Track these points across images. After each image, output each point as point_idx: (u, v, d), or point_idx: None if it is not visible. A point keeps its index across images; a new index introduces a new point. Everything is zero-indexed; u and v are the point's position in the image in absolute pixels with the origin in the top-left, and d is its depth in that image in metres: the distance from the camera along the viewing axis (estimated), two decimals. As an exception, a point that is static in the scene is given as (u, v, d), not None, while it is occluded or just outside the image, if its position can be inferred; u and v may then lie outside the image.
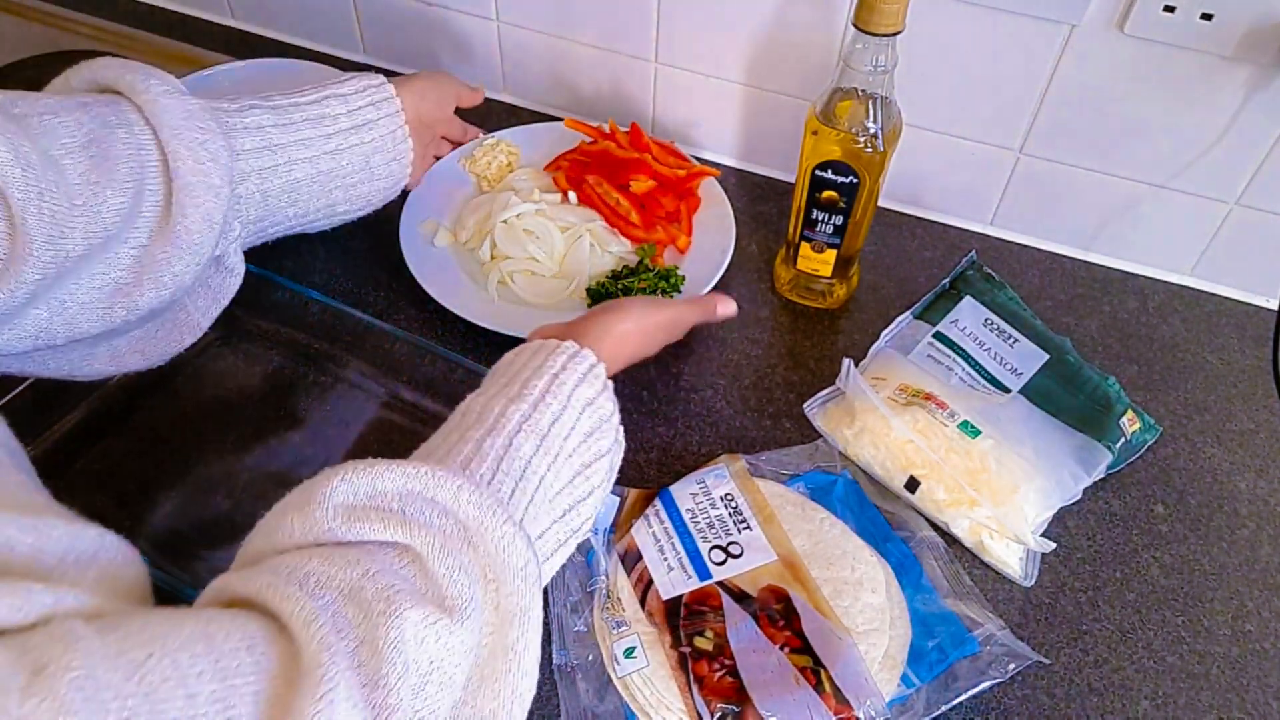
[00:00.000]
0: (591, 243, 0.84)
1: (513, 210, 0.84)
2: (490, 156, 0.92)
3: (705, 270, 0.83)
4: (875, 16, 0.64)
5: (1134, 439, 0.72)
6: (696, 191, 0.90)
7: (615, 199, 0.87)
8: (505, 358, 0.58)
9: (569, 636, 0.61)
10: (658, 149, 0.91)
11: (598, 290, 0.80)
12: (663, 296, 0.78)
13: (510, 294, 0.82)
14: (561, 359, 0.55)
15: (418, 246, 0.83)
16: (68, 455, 0.70)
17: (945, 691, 0.59)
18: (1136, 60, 0.75)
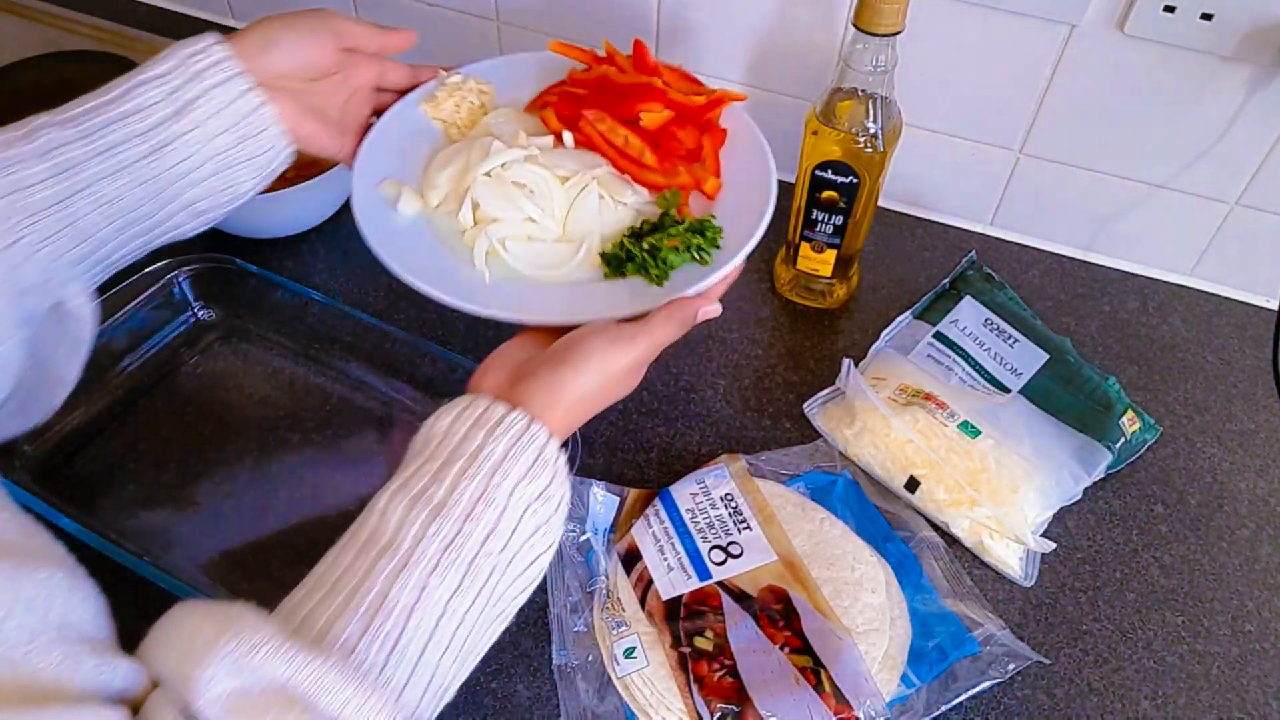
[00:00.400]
0: (601, 193, 0.67)
1: (496, 159, 0.66)
2: (457, 97, 0.75)
3: (745, 217, 0.66)
4: (875, 16, 0.64)
5: (1134, 439, 0.72)
6: (718, 122, 0.74)
7: (623, 137, 0.70)
8: (435, 426, 0.49)
9: (569, 636, 0.61)
10: (667, 72, 0.74)
11: (616, 255, 0.65)
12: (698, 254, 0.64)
13: (504, 266, 0.65)
14: (504, 442, 0.47)
15: (378, 216, 0.66)
16: (68, 455, 0.70)
17: (945, 691, 0.59)
18: (1136, 60, 0.75)
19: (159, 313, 0.77)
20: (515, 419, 0.48)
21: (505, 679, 0.60)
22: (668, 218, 0.66)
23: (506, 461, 0.47)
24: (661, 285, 0.61)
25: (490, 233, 0.65)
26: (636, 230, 0.66)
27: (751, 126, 0.72)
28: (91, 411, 0.73)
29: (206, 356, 0.78)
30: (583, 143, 0.70)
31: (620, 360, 0.53)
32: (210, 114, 0.57)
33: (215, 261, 0.78)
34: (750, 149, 0.71)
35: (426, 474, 0.46)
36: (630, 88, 0.71)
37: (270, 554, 0.65)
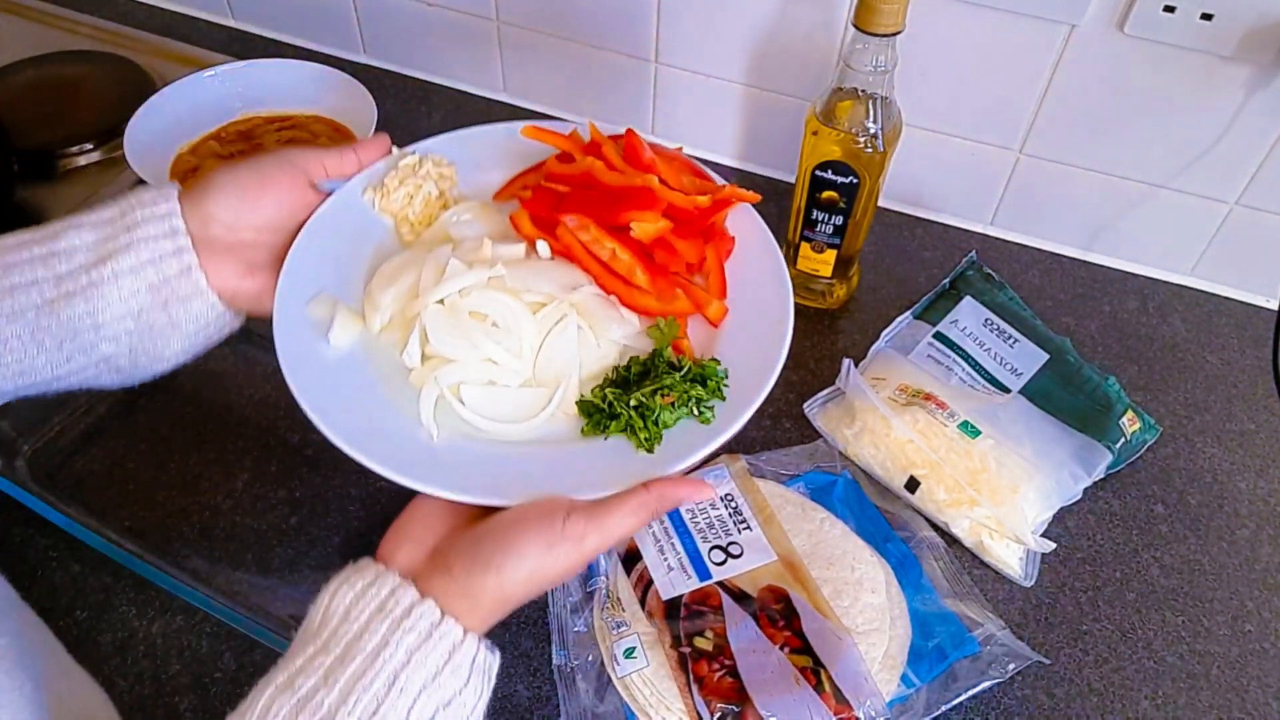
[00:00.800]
0: (580, 324, 0.55)
1: (452, 284, 0.54)
2: (410, 185, 0.62)
3: (755, 352, 0.55)
4: (875, 17, 0.64)
5: (1134, 439, 0.72)
6: (724, 226, 0.62)
7: (610, 249, 0.58)
8: (334, 603, 0.43)
9: (569, 636, 0.61)
10: (664, 164, 0.62)
11: (597, 405, 0.53)
12: (699, 410, 0.52)
13: (458, 420, 0.53)
14: (410, 640, 0.41)
15: (304, 345, 0.54)
16: (68, 455, 0.71)
17: (945, 691, 0.59)
18: (1136, 60, 0.75)
19: (159, 313, 0.77)
20: (424, 613, 0.42)
21: (505, 679, 0.60)
22: (661, 360, 0.54)
23: (410, 667, 0.41)
24: (651, 452, 0.51)
25: (442, 377, 0.53)
26: (623, 373, 0.54)
27: (763, 231, 0.62)
28: (91, 411, 0.73)
29: (206, 356, 0.77)
30: (561, 253, 0.59)
31: (560, 564, 0.44)
32: (131, 269, 0.50)
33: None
34: (760, 258, 0.60)
35: (317, 670, 0.41)
36: (621, 190, 0.59)
37: (270, 554, 0.66)
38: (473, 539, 0.45)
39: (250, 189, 0.55)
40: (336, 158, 0.59)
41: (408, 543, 0.47)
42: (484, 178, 0.65)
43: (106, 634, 0.61)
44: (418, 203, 0.62)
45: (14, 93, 0.97)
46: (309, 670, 0.41)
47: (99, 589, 0.63)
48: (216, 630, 0.62)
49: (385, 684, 0.40)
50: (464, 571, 0.44)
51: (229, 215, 0.53)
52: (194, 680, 0.60)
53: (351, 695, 0.40)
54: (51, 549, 0.65)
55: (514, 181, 0.65)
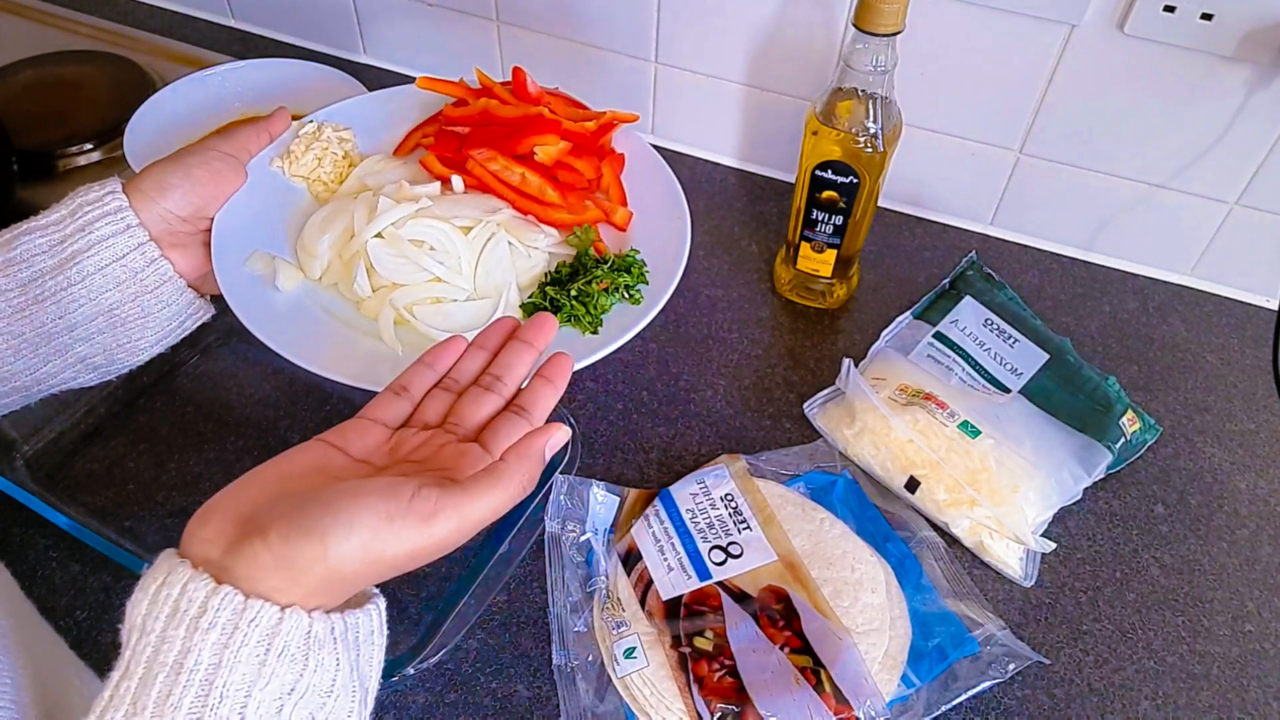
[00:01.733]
0: (510, 240, 0.62)
1: (386, 217, 0.60)
2: (316, 149, 0.67)
3: (665, 245, 0.63)
4: (875, 16, 0.64)
5: (1134, 439, 0.72)
6: (613, 147, 0.70)
7: (519, 174, 0.64)
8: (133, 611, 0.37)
9: (569, 636, 0.61)
10: (551, 98, 0.70)
11: (540, 305, 0.60)
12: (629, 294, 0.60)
13: (416, 335, 0.58)
14: (213, 639, 0.34)
15: (254, 297, 0.58)
16: (68, 455, 0.70)
17: (945, 691, 0.59)
18: (1136, 60, 0.75)
19: (159, 313, 0.77)
20: (222, 604, 0.35)
21: (505, 679, 0.60)
22: (587, 258, 0.61)
23: (223, 668, 0.34)
24: (596, 334, 0.58)
25: (396, 299, 0.58)
26: (556, 276, 0.61)
27: (645, 146, 0.69)
28: (92, 412, 0.73)
29: (206, 356, 0.78)
30: (474, 185, 0.64)
31: (403, 544, 0.38)
32: (98, 268, 0.52)
33: (215, 261, 0.78)
34: (650, 169, 0.67)
35: (124, 699, 0.34)
36: (519, 121, 0.65)
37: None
38: (296, 504, 0.38)
39: (204, 183, 0.58)
40: (253, 135, 0.63)
41: (216, 515, 0.39)
42: (380, 138, 0.70)
43: (106, 634, 0.61)
44: (326, 164, 0.67)
45: (14, 93, 0.97)
46: (116, 702, 0.35)
47: (99, 589, 0.63)
48: (216, 630, 0.61)
49: (198, 697, 0.34)
50: (279, 537, 0.36)
51: (188, 211, 0.57)
52: (194, 680, 0.59)
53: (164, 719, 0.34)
54: (51, 549, 0.65)
55: (410, 135, 0.70)
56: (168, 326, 0.57)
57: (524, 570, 0.65)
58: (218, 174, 0.60)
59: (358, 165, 0.68)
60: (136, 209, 0.54)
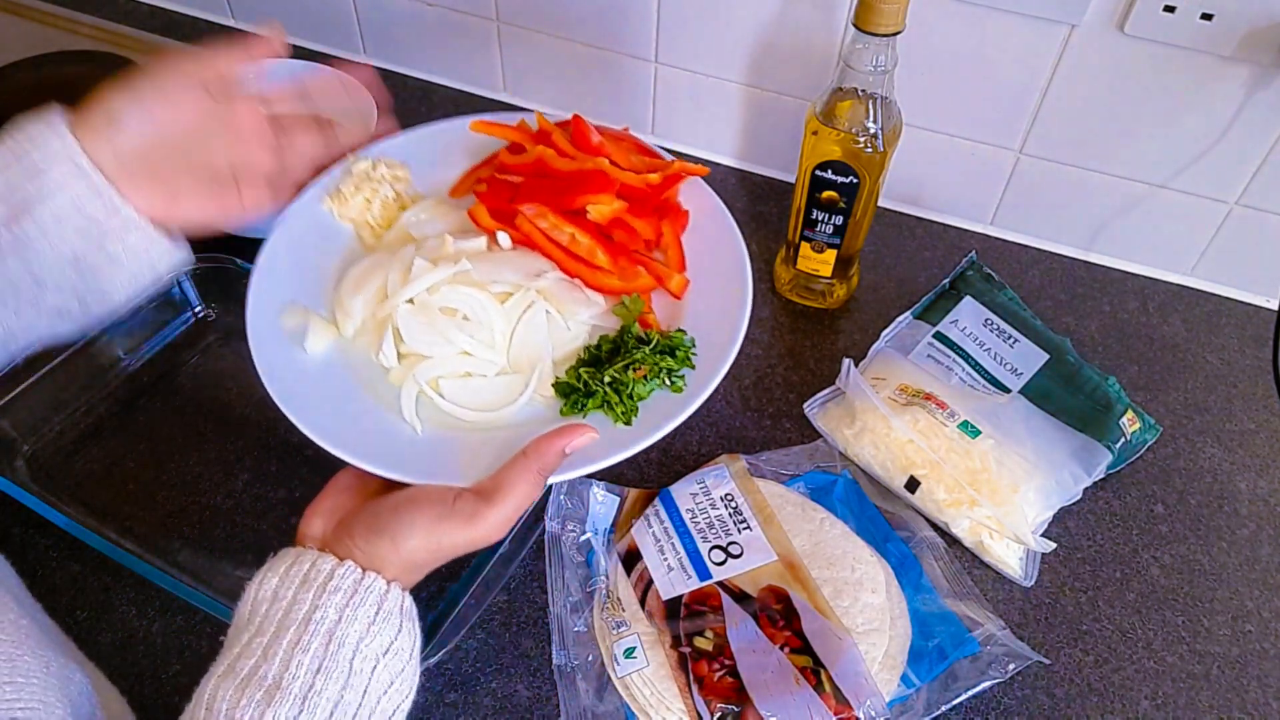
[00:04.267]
0: (548, 310, 0.57)
1: (419, 283, 0.56)
2: (366, 190, 0.63)
3: (719, 319, 0.57)
4: (875, 16, 0.64)
5: (1134, 439, 0.72)
6: (678, 200, 0.64)
7: (569, 234, 0.59)
8: (260, 590, 0.45)
9: (569, 636, 0.61)
10: (613, 145, 0.64)
11: (570, 386, 0.55)
12: (670, 380, 0.54)
13: (439, 413, 0.54)
14: (337, 600, 0.43)
15: (281, 357, 0.55)
16: (68, 455, 0.70)
17: (945, 691, 0.59)
18: (1136, 60, 0.75)
19: (159, 313, 0.77)
20: (346, 573, 0.44)
21: (505, 679, 0.60)
22: (630, 336, 0.55)
23: (343, 623, 0.42)
24: (630, 424, 0.53)
25: (419, 374, 0.54)
26: (594, 352, 0.56)
27: (715, 202, 0.63)
28: (91, 411, 0.73)
29: (206, 356, 0.78)
30: (521, 241, 0.60)
31: (455, 537, 0.46)
32: (55, 218, 0.48)
33: (215, 261, 0.78)
34: (714, 227, 0.61)
35: (255, 650, 0.42)
36: (573, 176, 0.60)
37: (270, 554, 0.65)
38: (372, 511, 0.47)
39: (158, 113, 0.52)
40: (224, 56, 0.54)
41: (319, 517, 0.49)
42: (438, 175, 0.67)
43: (106, 634, 0.61)
44: (376, 206, 0.63)
45: (14, 93, 0.97)
46: (247, 653, 0.42)
47: (99, 589, 0.63)
48: (216, 630, 0.61)
49: (323, 643, 0.42)
50: (363, 538, 0.46)
51: (141, 144, 0.51)
52: (194, 680, 0.59)
53: (292, 661, 0.41)
54: (51, 549, 0.65)
55: (467, 176, 0.66)
56: (140, 273, 0.52)
57: (524, 570, 0.65)
58: (174, 103, 0.52)
59: (408, 208, 0.64)
60: (86, 147, 0.49)
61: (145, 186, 0.51)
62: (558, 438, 0.50)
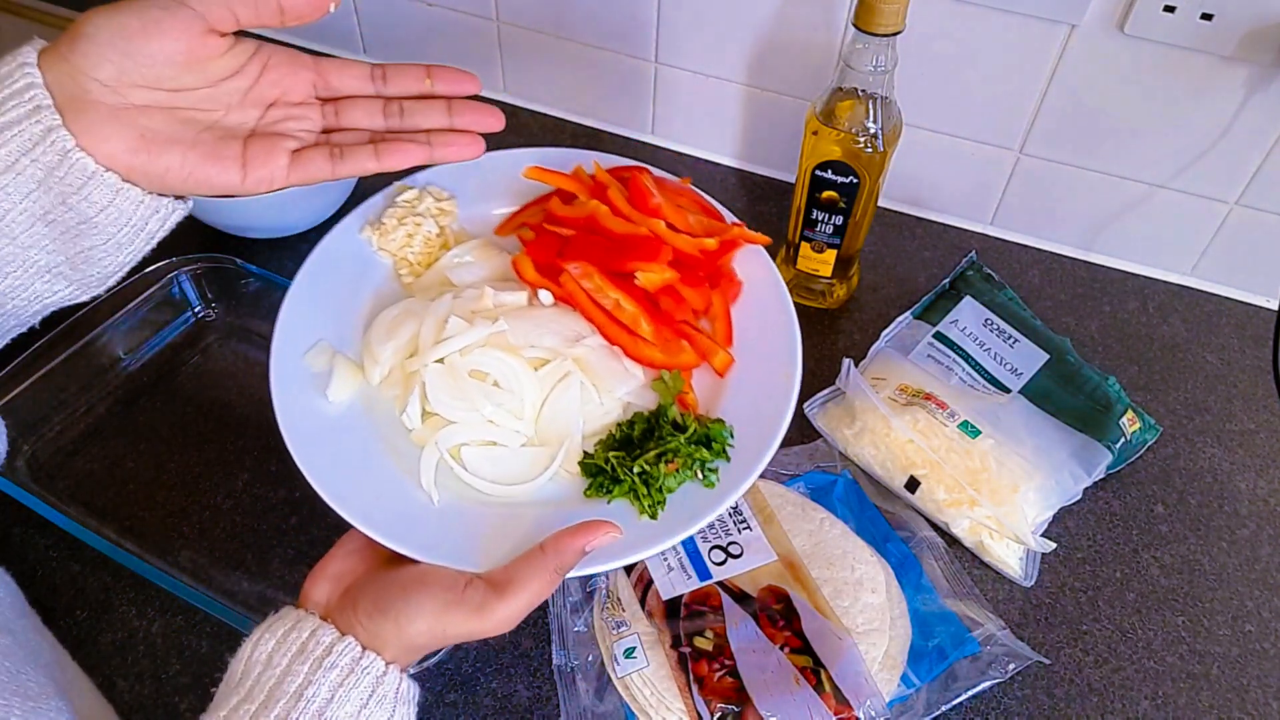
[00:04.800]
0: (583, 381, 0.54)
1: (450, 344, 0.53)
2: (410, 225, 0.60)
3: (760, 406, 0.53)
4: (875, 17, 0.64)
5: (1134, 439, 0.72)
6: (732, 269, 0.60)
7: (614, 300, 0.56)
8: (255, 652, 0.43)
9: (569, 636, 0.61)
10: (671, 200, 0.60)
11: (598, 468, 0.52)
12: (703, 474, 0.51)
13: (458, 483, 0.52)
14: (332, 678, 0.41)
15: (301, 401, 0.53)
16: (68, 455, 0.70)
17: (945, 691, 0.59)
18: (1136, 60, 0.75)
19: (159, 313, 0.77)
20: (344, 649, 0.42)
21: (505, 679, 0.60)
22: (665, 420, 0.52)
23: (335, 704, 0.41)
24: (655, 519, 0.50)
25: (442, 440, 0.51)
26: (626, 430, 0.53)
27: (771, 272, 0.58)
28: (91, 411, 0.73)
29: (206, 356, 0.78)
30: (563, 299, 0.57)
31: (459, 627, 0.44)
32: (7, 165, 0.41)
33: (215, 261, 0.78)
34: (767, 302, 0.57)
35: (243, 717, 0.41)
36: (626, 239, 0.57)
37: (270, 554, 0.65)
38: (379, 586, 0.45)
39: (134, 36, 0.42)
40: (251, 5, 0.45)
41: (326, 581, 0.47)
42: (485, 209, 0.64)
43: (106, 634, 0.61)
44: (417, 242, 0.60)
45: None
46: (234, 718, 0.41)
47: (99, 589, 0.63)
48: (216, 630, 0.62)
49: None
50: (366, 615, 0.44)
51: (108, 71, 0.42)
52: (194, 680, 0.60)
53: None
54: (51, 549, 0.65)
55: (516, 216, 0.64)
56: (122, 235, 0.45)
57: (524, 570, 0.65)
58: (156, 28, 0.43)
59: (449, 248, 0.61)
60: (47, 76, 0.42)
61: (107, 127, 0.43)
62: (579, 536, 0.46)
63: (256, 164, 0.46)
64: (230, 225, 0.84)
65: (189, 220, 0.87)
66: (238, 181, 0.46)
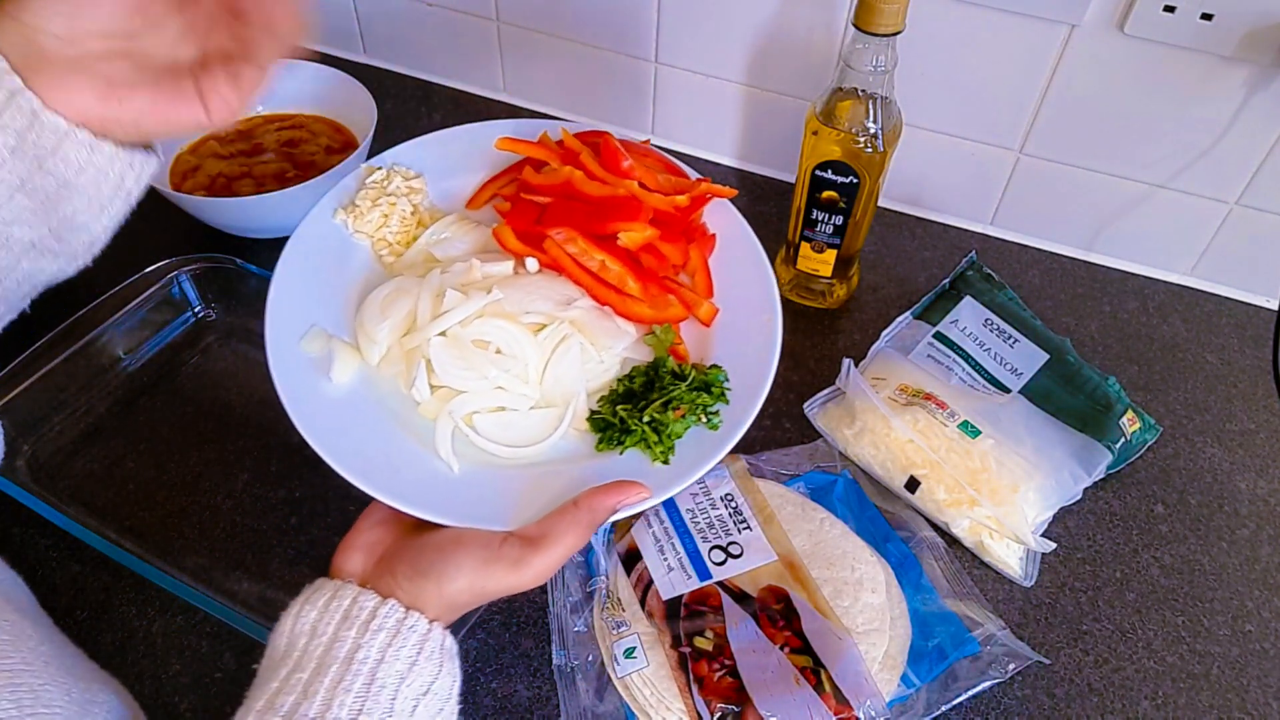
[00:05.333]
0: (582, 342, 0.56)
1: (451, 316, 0.54)
2: (384, 205, 0.61)
3: (748, 350, 0.56)
4: (875, 17, 0.64)
5: (1134, 439, 0.72)
6: (704, 224, 0.63)
7: (599, 260, 0.58)
8: (298, 624, 0.44)
9: (569, 636, 0.61)
10: (639, 165, 0.62)
11: (606, 421, 0.54)
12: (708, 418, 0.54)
13: (473, 449, 0.53)
14: (380, 639, 0.42)
15: (306, 386, 0.53)
16: (68, 455, 0.70)
17: (945, 691, 0.59)
18: (1136, 60, 0.75)
19: (159, 313, 0.77)
20: (388, 612, 0.43)
21: (505, 679, 0.60)
22: (664, 370, 0.55)
23: (385, 663, 0.42)
24: (667, 464, 0.52)
25: (455, 410, 0.52)
26: (628, 385, 0.55)
27: (740, 224, 0.61)
28: (91, 411, 0.73)
29: (206, 356, 0.78)
30: (549, 266, 0.58)
31: (499, 582, 0.46)
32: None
33: (215, 261, 0.78)
34: (740, 252, 0.59)
35: (295, 686, 0.41)
36: (605, 200, 0.58)
37: (270, 554, 0.65)
38: (415, 549, 0.47)
39: None
40: None
41: (358, 552, 0.48)
42: (452, 184, 0.65)
43: (106, 634, 0.61)
44: (394, 221, 0.61)
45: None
46: (287, 689, 0.41)
47: (99, 589, 0.63)
48: (216, 630, 0.62)
49: (364, 683, 0.41)
50: (406, 578, 0.46)
51: (60, 24, 0.41)
52: (194, 680, 0.60)
53: (334, 700, 0.40)
54: (51, 549, 0.65)
55: (484, 189, 0.65)
56: (100, 195, 0.44)
57: (524, 570, 0.65)
58: None
59: (427, 225, 0.62)
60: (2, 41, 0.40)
61: (69, 79, 0.41)
62: (612, 494, 0.49)
63: (212, 95, 0.44)
64: (230, 225, 0.84)
65: (189, 220, 0.88)
66: (204, 116, 0.44)
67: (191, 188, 0.84)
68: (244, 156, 0.88)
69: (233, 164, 0.87)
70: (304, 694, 0.41)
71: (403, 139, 0.67)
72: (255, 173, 0.86)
